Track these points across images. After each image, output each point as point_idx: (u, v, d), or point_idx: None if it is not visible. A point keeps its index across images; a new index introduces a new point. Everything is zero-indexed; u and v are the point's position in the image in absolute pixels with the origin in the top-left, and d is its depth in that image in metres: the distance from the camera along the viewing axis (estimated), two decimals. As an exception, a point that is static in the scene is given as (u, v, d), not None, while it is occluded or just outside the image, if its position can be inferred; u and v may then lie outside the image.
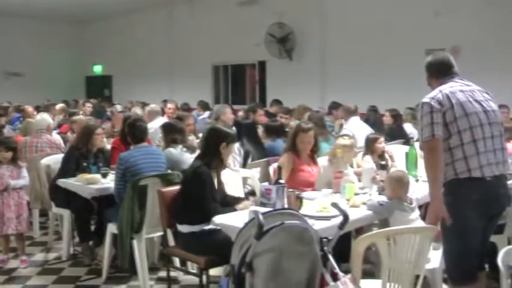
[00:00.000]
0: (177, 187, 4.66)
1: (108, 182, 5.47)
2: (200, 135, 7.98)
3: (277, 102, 11.06)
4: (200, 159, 4.47)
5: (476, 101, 3.72)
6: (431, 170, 3.65)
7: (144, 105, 11.20)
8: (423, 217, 4.20)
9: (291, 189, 4.22)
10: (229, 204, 4.40)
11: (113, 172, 5.42)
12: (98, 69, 20.95)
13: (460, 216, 3.62)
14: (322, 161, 5.45)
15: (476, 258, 3.76)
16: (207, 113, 11.64)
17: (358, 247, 3.37)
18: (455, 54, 11.23)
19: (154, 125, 7.88)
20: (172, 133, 5.90)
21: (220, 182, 4.60)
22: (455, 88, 3.74)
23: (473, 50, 10.67)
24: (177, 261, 5.05)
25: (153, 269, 5.37)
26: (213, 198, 4.32)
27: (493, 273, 4.21)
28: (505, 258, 3.04)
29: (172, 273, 5.05)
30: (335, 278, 3.02)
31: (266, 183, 4.24)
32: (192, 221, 4.28)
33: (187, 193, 4.33)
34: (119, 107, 9.45)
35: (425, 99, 3.71)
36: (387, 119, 8.92)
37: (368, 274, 3.95)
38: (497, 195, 3.72)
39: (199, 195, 4.26)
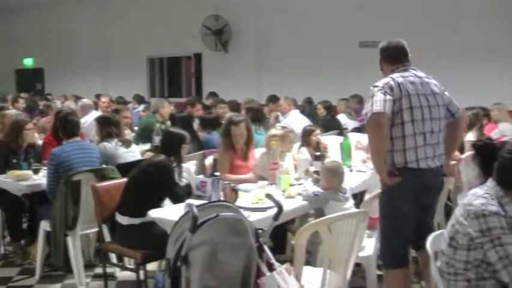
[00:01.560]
0: (112, 182, 4.62)
1: (39, 178, 5.33)
2: (136, 128, 7.92)
3: (213, 94, 11.05)
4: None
5: (423, 95, 3.78)
6: (376, 144, 3.69)
7: (77, 98, 10.96)
8: (357, 206, 4.30)
9: (226, 182, 4.23)
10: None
11: (45, 168, 5.28)
12: (28, 62, 20.27)
13: (395, 203, 3.78)
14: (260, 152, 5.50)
15: (408, 244, 3.94)
16: (142, 106, 11.52)
17: (301, 237, 3.41)
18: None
19: (89, 119, 7.73)
20: (108, 126, 5.81)
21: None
22: (406, 79, 3.78)
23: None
24: (113, 257, 4.98)
25: (89, 266, 5.27)
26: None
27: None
28: (434, 243, 3.15)
29: (109, 270, 4.99)
30: (271, 268, 3.05)
31: (201, 176, 4.25)
32: (137, 213, 4.23)
33: (146, 184, 4.30)
34: (58, 102, 9.24)
35: (378, 84, 3.74)
36: (321, 111, 9.05)
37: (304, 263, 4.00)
38: (430, 185, 3.87)
39: (167, 185, 4.31)
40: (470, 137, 6.88)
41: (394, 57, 3.98)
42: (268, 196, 3.47)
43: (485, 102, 8.35)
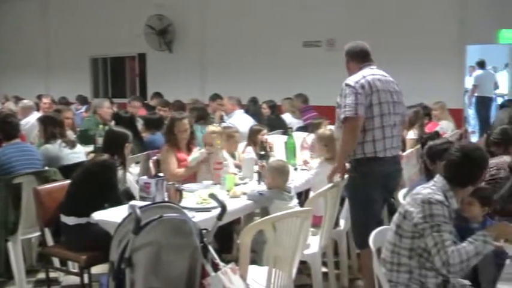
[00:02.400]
0: (54, 184, 4.53)
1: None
2: (78, 129, 7.79)
3: (157, 95, 10.95)
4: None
5: (389, 91, 4.27)
6: (346, 144, 4.16)
7: (18, 99, 10.69)
8: (302, 205, 4.35)
9: (170, 182, 4.21)
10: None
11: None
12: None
13: (365, 190, 4.22)
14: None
15: (378, 226, 4.11)
16: (84, 107, 11.33)
17: (246, 236, 3.42)
18: (330, 47, 11.83)
19: (30, 120, 7.56)
20: (52, 126, 5.67)
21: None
22: (375, 77, 4.24)
23: (347, 43, 11.11)
24: (57, 262, 4.87)
25: (31, 272, 5.15)
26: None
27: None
28: (376, 240, 3.22)
29: (52, 275, 4.87)
30: (216, 268, 3.06)
31: (145, 177, 4.21)
32: (82, 213, 4.15)
33: (91, 184, 4.24)
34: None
35: (350, 82, 4.16)
36: (266, 111, 9.09)
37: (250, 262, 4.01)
38: (394, 171, 4.40)
39: (110, 185, 4.28)
40: (411, 135, 7.05)
41: (360, 56, 4.46)
42: (212, 196, 3.47)
43: (426, 101, 8.58)
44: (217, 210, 3.45)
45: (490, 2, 10.43)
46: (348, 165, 4.31)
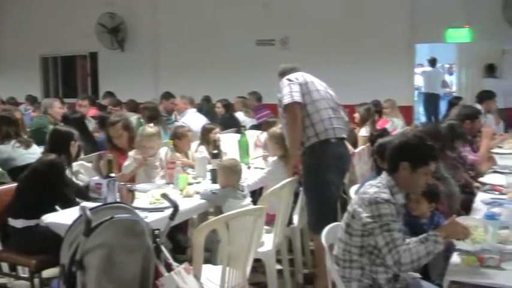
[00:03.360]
0: (2, 187, 4.42)
1: None
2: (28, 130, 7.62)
3: (109, 94, 10.82)
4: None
5: (319, 83, 4.72)
6: (291, 131, 4.53)
7: (-37, 100, 10.41)
8: (255, 203, 4.36)
9: (123, 183, 4.16)
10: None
11: None
12: None
13: (320, 172, 4.51)
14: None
15: (333, 211, 4.56)
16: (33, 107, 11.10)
17: (199, 236, 3.39)
18: (283, 46, 11.90)
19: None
20: (6, 126, 5.55)
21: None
22: (305, 73, 4.73)
23: (300, 42, 11.25)
24: (5, 267, 4.74)
25: (-22, 278, 5.02)
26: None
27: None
28: (328, 236, 3.25)
29: (1, 280, 4.76)
30: (169, 268, 3.03)
31: (96, 178, 4.15)
32: (31, 215, 4.07)
33: (39, 184, 4.17)
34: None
35: (288, 77, 4.63)
36: (219, 110, 9.08)
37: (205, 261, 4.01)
38: (345, 153, 4.73)
39: (58, 185, 4.20)
40: (363, 132, 7.15)
41: (291, 71, 4.85)
42: (164, 196, 3.45)
43: (377, 99, 8.72)
44: (170, 210, 3.43)
45: (438, 1, 10.67)
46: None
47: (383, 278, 3.01)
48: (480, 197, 4.47)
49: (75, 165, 4.88)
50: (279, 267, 4.68)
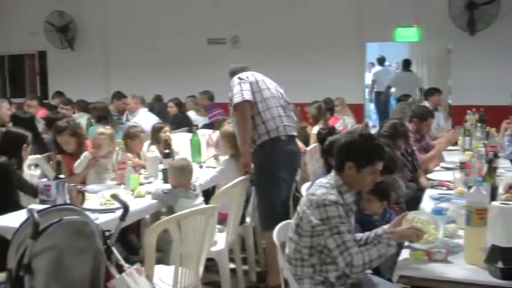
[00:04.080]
0: None
1: None
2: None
3: (59, 94, 10.61)
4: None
5: (269, 82, 4.80)
6: (241, 129, 4.60)
7: None
8: (208, 202, 4.35)
9: (72, 184, 4.09)
10: None
11: None
12: None
13: (271, 169, 4.59)
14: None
15: (285, 208, 4.60)
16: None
17: (150, 236, 3.38)
18: (234, 44, 11.91)
19: None
20: None
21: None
22: (255, 72, 4.80)
23: (251, 40, 11.28)
24: None
25: None
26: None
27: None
28: (280, 233, 3.27)
29: None
30: (121, 270, 3.00)
31: (45, 179, 4.06)
32: None
33: None
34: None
35: (239, 75, 4.69)
36: (172, 109, 9.03)
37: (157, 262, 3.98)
38: (296, 151, 4.81)
39: (5, 188, 4.17)
40: (316, 130, 7.21)
41: (240, 70, 4.87)
42: (113, 197, 3.41)
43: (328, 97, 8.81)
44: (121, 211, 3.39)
45: (387, 0, 10.86)
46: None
47: (333, 276, 3.03)
48: (428, 192, 4.58)
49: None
50: (232, 266, 4.69)
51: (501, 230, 2.76)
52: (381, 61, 14.41)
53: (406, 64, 12.36)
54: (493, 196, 3.76)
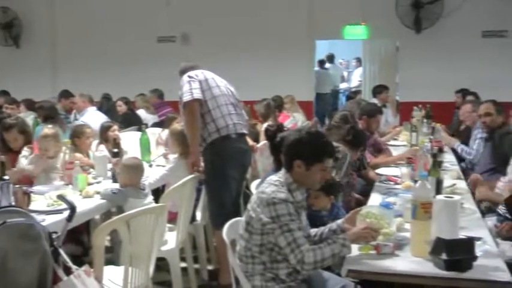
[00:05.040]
0: None
1: None
2: None
3: (3, 93, 10.36)
4: None
5: (219, 80, 4.84)
6: (190, 128, 4.61)
7: None
8: (156, 201, 4.33)
9: (17, 185, 4.00)
10: None
11: None
12: None
13: (221, 168, 4.62)
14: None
15: (235, 206, 4.67)
16: None
17: (99, 237, 3.34)
18: (184, 42, 11.85)
19: None
20: None
21: None
22: (204, 70, 4.83)
23: (201, 38, 11.25)
24: None
25: None
26: None
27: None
28: (229, 231, 3.28)
29: None
30: (68, 272, 2.95)
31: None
32: None
33: None
34: None
35: (188, 74, 4.70)
36: (121, 108, 8.93)
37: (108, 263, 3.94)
38: (246, 149, 4.86)
39: None
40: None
41: (191, 68, 4.86)
42: (60, 197, 3.36)
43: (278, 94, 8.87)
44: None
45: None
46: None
47: (284, 273, 3.04)
48: (376, 187, 4.66)
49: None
50: (183, 264, 4.68)
51: (445, 223, 2.84)
52: (330, 59, 14.53)
53: (322, 61, 12.72)
54: (438, 190, 3.85)
